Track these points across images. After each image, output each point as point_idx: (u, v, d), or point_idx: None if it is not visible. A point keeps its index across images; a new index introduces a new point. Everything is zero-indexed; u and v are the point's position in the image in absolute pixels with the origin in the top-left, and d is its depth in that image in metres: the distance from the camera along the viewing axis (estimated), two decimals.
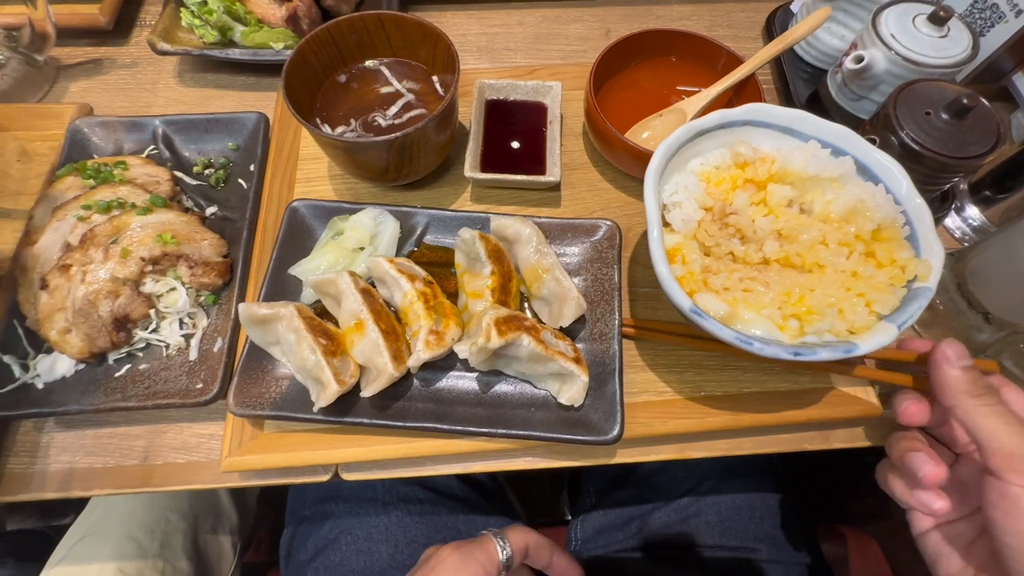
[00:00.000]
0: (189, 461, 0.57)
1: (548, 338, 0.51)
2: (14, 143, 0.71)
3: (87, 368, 0.57)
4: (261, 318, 0.52)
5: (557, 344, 0.51)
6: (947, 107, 0.57)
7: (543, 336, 0.51)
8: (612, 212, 0.68)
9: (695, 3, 0.89)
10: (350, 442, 0.54)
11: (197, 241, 0.60)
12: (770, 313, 0.46)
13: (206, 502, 0.90)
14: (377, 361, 0.50)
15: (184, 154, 0.70)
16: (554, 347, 0.50)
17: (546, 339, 0.51)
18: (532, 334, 0.49)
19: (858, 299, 0.44)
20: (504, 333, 0.48)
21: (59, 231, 0.58)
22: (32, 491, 0.55)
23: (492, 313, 0.49)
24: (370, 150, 0.57)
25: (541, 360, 0.50)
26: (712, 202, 0.52)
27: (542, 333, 0.51)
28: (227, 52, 0.74)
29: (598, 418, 0.51)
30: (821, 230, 0.48)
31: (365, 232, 0.59)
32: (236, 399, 0.51)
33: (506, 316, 0.50)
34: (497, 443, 0.54)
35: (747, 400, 0.57)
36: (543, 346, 0.49)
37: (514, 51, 0.85)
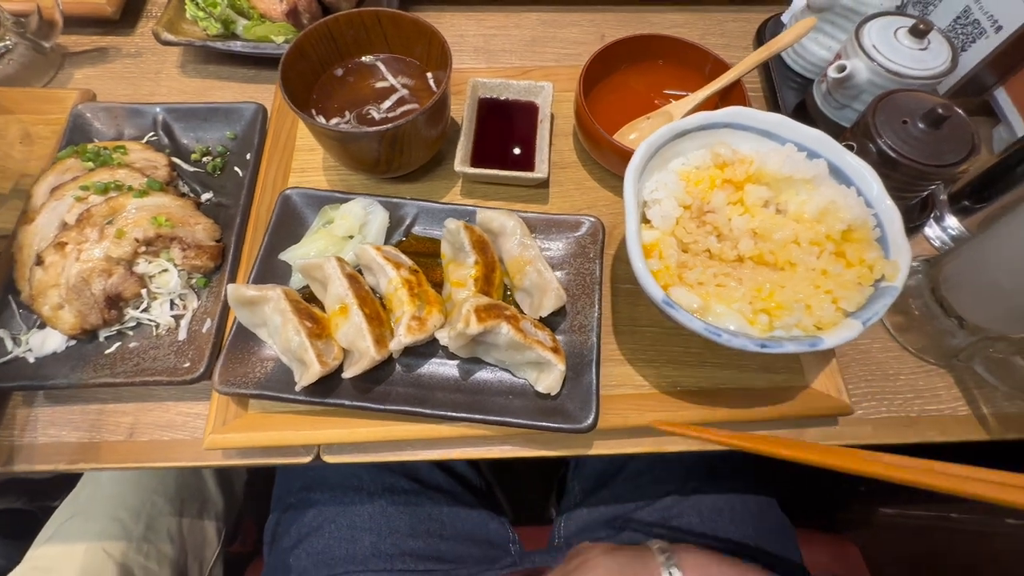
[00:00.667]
0: (173, 439, 0.58)
1: (527, 327, 0.52)
2: (17, 126, 0.72)
3: (78, 344, 0.58)
4: (249, 299, 0.53)
5: (536, 333, 0.53)
6: (923, 116, 0.58)
7: (522, 325, 0.52)
8: (598, 210, 0.70)
9: (689, 11, 0.91)
10: (332, 424, 0.55)
11: (191, 225, 0.62)
12: (741, 307, 0.47)
13: (192, 487, 0.90)
14: (360, 344, 0.52)
15: (183, 141, 0.72)
16: (533, 336, 0.52)
17: (525, 328, 0.52)
18: (511, 322, 0.51)
19: (826, 296, 0.46)
20: (484, 320, 0.49)
21: (56, 210, 0.59)
22: (19, 463, 0.56)
23: (473, 301, 0.51)
24: (362, 141, 0.59)
25: (519, 348, 0.51)
26: (691, 200, 0.53)
27: (521, 322, 0.52)
28: (229, 44, 0.76)
29: (574, 407, 0.53)
30: (794, 229, 0.50)
31: (355, 221, 0.61)
32: (221, 377, 0.53)
33: (487, 304, 0.51)
34: (476, 429, 0.55)
35: (723, 396, 0.58)
36: (522, 335, 0.51)
37: (510, 52, 0.87)
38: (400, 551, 0.75)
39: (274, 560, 0.80)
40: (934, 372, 0.64)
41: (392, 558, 0.74)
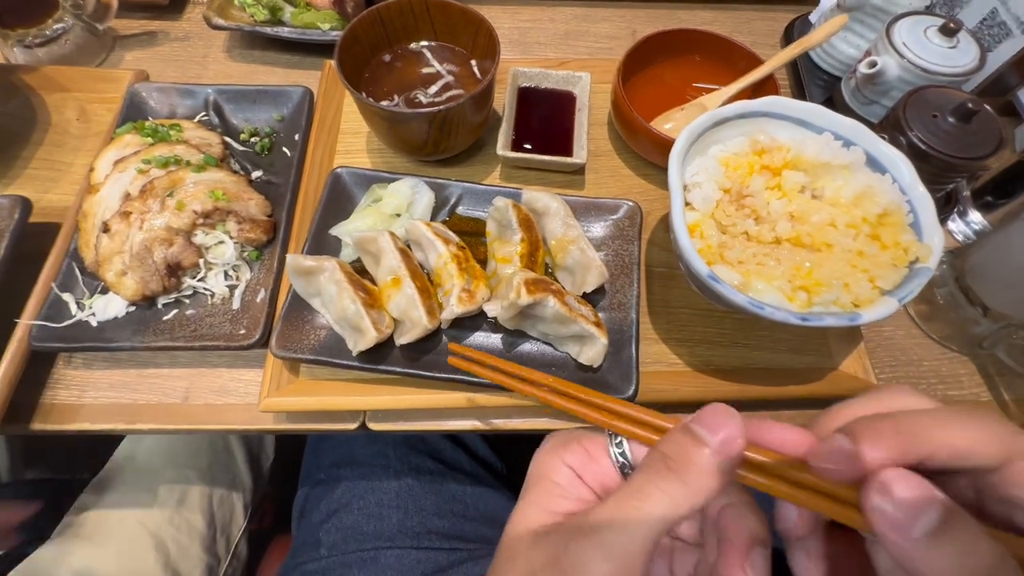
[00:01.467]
0: (226, 403, 0.61)
1: (571, 302, 0.55)
2: (74, 103, 0.75)
3: (138, 310, 0.61)
4: (306, 269, 0.56)
5: (579, 308, 0.55)
6: (953, 111, 0.61)
7: (567, 300, 0.54)
8: (632, 197, 0.71)
9: (718, 9, 0.94)
10: (380, 391, 0.58)
11: (245, 200, 0.64)
12: (780, 285, 0.49)
13: (223, 463, 0.93)
14: (412, 314, 0.54)
15: (232, 122, 0.74)
16: (577, 310, 0.54)
17: (570, 303, 0.54)
18: (557, 297, 0.53)
19: (863, 274, 0.48)
20: (532, 292, 0.52)
21: (120, 182, 0.62)
22: (80, 421, 0.59)
23: (522, 275, 0.53)
24: (412, 122, 0.62)
25: (564, 321, 0.54)
26: (730, 184, 0.55)
27: (566, 297, 0.55)
28: (277, 30, 0.79)
29: (615, 379, 0.55)
30: (831, 213, 0.52)
31: (402, 199, 0.63)
32: (279, 343, 0.55)
33: (534, 278, 0.54)
34: (516, 399, 0.57)
35: (753, 375, 0.61)
36: (567, 308, 0.53)
37: (544, 45, 0.90)
38: (426, 529, 0.77)
39: (303, 534, 0.82)
40: (957, 359, 0.66)
41: (418, 536, 0.76)
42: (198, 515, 0.84)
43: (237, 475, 0.95)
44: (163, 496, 0.82)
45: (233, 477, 0.94)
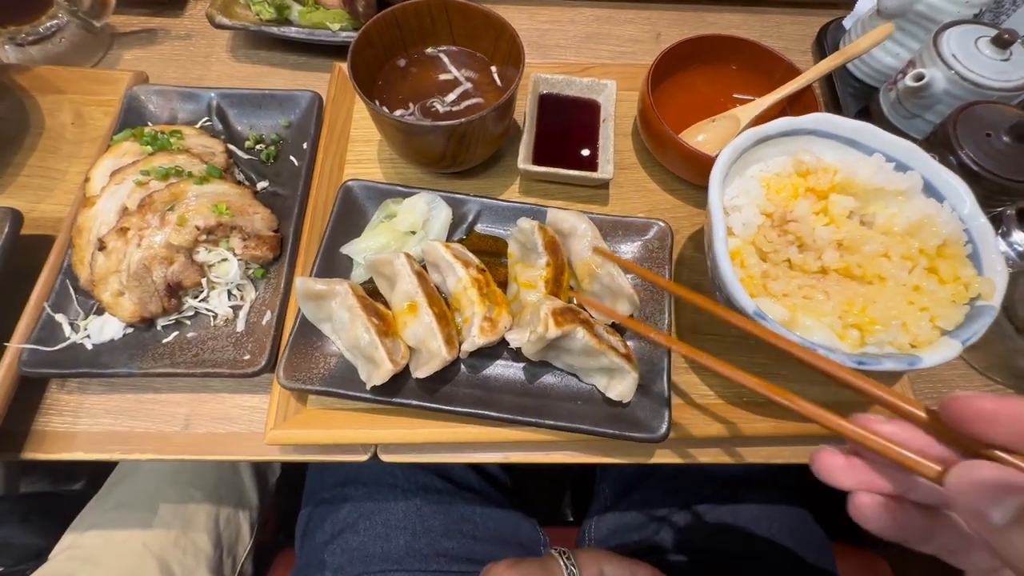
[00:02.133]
0: (230, 432, 0.57)
1: (601, 333, 0.51)
2: (69, 106, 0.71)
3: (135, 332, 0.57)
4: (316, 293, 0.52)
5: (609, 339, 0.51)
6: (1009, 130, 0.57)
7: (597, 331, 0.51)
8: (659, 214, 0.68)
9: (746, 12, 0.89)
10: (393, 423, 0.54)
11: (250, 214, 0.60)
12: (830, 321, 0.46)
13: (229, 481, 0.90)
14: (431, 344, 0.50)
15: (237, 128, 0.70)
16: (607, 342, 0.51)
17: (599, 333, 0.51)
18: (587, 328, 0.50)
19: (922, 313, 0.44)
20: (561, 324, 0.48)
21: (117, 195, 0.58)
22: (73, 451, 0.55)
23: (548, 304, 0.50)
24: (430, 135, 0.58)
25: (593, 354, 0.50)
26: (772, 208, 0.52)
27: (596, 327, 0.51)
28: (284, 30, 0.75)
29: (645, 415, 0.52)
30: (884, 243, 0.48)
31: (418, 216, 0.59)
32: (286, 372, 0.52)
33: (562, 308, 0.50)
34: (539, 434, 0.54)
35: (788, 409, 0.57)
36: (597, 340, 0.50)
37: (564, 48, 0.85)
38: (435, 551, 0.74)
39: (307, 554, 0.79)
40: (1001, 391, 0.62)
41: (427, 558, 0.74)
42: (204, 536, 0.81)
43: (243, 493, 0.92)
44: (167, 516, 0.79)
45: (240, 495, 0.91)
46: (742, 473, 0.81)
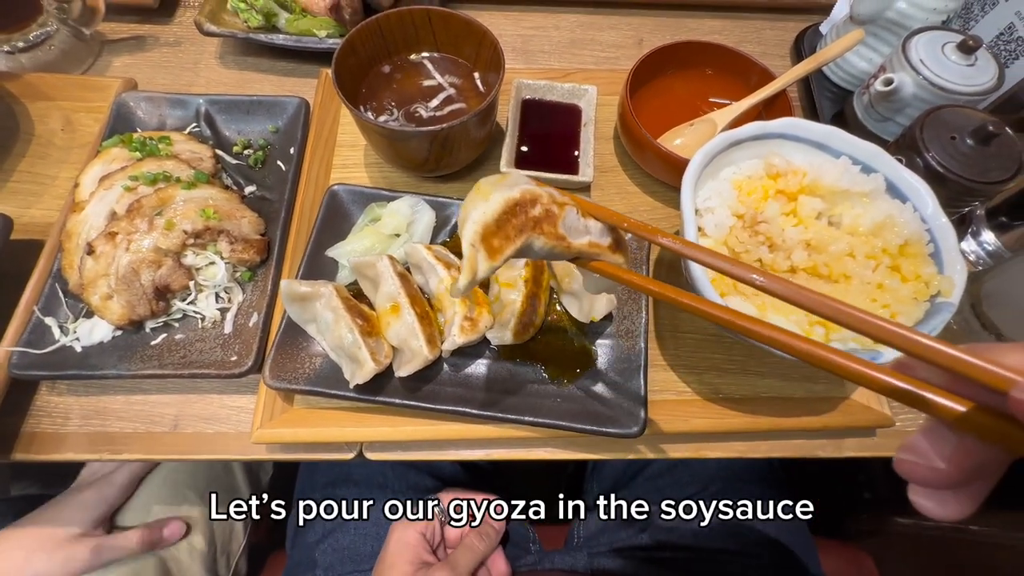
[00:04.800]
0: (218, 431, 0.58)
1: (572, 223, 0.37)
2: (59, 112, 0.72)
3: (124, 335, 0.58)
4: (301, 295, 0.53)
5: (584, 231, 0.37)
6: (972, 133, 0.59)
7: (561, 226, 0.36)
8: (639, 216, 0.70)
9: (726, 18, 0.91)
10: (378, 421, 0.56)
11: (237, 218, 0.62)
12: (797, 319, 0.47)
13: (222, 481, 0.90)
14: (412, 343, 0.52)
15: (225, 133, 0.71)
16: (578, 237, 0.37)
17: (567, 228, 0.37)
18: (543, 229, 0.35)
19: (883, 310, 0.46)
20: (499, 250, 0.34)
21: (105, 200, 0.59)
22: (63, 452, 0.56)
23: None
24: (413, 140, 0.59)
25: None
26: (744, 210, 0.53)
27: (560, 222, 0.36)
28: (271, 37, 0.76)
29: (622, 412, 0.53)
30: (849, 242, 0.50)
31: (402, 219, 0.61)
32: (272, 372, 0.53)
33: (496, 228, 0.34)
34: (520, 431, 0.55)
35: (763, 404, 0.59)
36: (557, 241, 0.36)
37: (548, 54, 0.87)
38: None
39: (298, 554, 0.80)
40: None
41: None
42: (199, 536, 0.82)
43: (237, 493, 0.93)
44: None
45: (233, 495, 0.92)
46: (727, 472, 0.83)
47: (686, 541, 0.77)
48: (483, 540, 0.68)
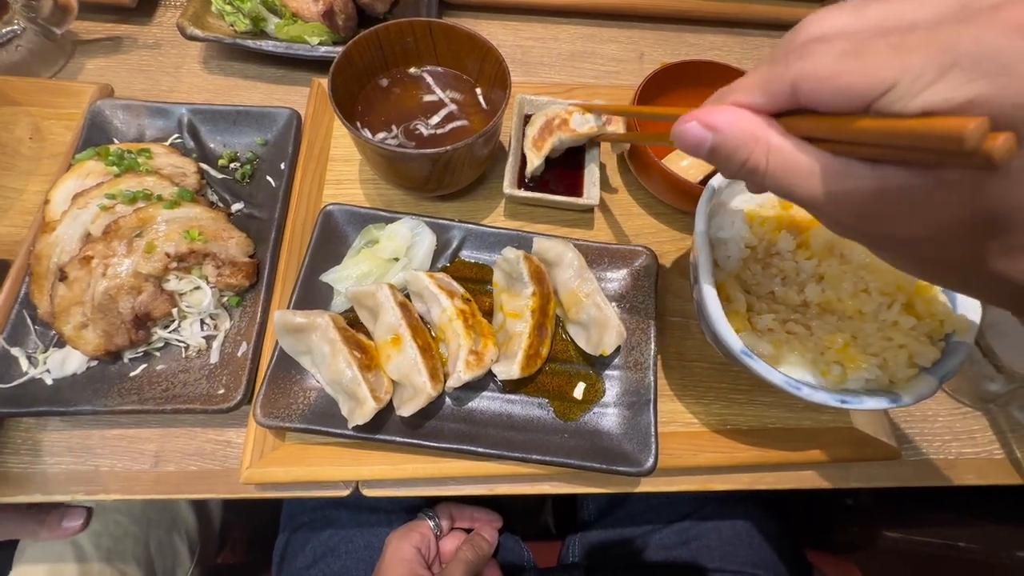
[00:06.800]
0: (203, 468, 0.55)
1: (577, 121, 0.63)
2: (27, 119, 0.67)
3: (100, 365, 0.54)
4: (296, 327, 0.50)
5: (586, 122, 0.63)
6: None
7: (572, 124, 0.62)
8: (645, 238, 0.68)
9: (728, 34, 0.90)
10: (376, 459, 0.53)
11: (224, 239, 0.58)
12: (813, 358, 0.46)
13: (159, 506, 0.85)
14: (416, 379, 0.49)
15: (210, 146, 0.67)
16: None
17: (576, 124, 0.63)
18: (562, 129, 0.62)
19: (900, 351, 0.45)
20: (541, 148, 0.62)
21: (79, 219, 0.55)
22: (32, 492, 0.52)
23: None
24: (414, 161, 0.56)
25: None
26: (756, 241, 0.52)
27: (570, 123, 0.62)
28: (261, 43, 0.72)
29: (632, 448, 0.51)
30: (864, 278, 0.49)
31: (401, 243, 0.58)
32: (263, 409, 0.50)
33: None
34: (525, 467, 0.53)
35: (772, 436, 0.58)
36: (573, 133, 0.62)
37: (548, 66, 0.85)
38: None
39: None
40: (969, 414, 0.65)
41: None
42: (132, 564, 0.77)
43: (178, 516, 0.87)
44: (87, 547, 0.73)
45: (172, 520, 0.86)
46: (723, 489, 0.82)
47: (682, 561, 0.77)
48: (476, 552, 0.66)
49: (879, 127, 0.24)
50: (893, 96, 0.23)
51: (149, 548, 0.80)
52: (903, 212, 0.26)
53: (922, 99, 0.22)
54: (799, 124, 0.27)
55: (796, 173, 0.28)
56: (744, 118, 0.29)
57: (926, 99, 0.22)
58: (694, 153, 0.31)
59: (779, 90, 0.27)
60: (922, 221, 0.26)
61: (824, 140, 0.27)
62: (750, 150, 0.29)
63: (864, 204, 0.26)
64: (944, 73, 0.22)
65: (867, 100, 0.24)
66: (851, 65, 0.24)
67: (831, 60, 0.25)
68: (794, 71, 0.26)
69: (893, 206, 0.26)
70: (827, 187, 0.27)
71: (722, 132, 0.29)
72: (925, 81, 0.22)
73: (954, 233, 0.25)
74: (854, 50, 0.24)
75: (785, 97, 0.27)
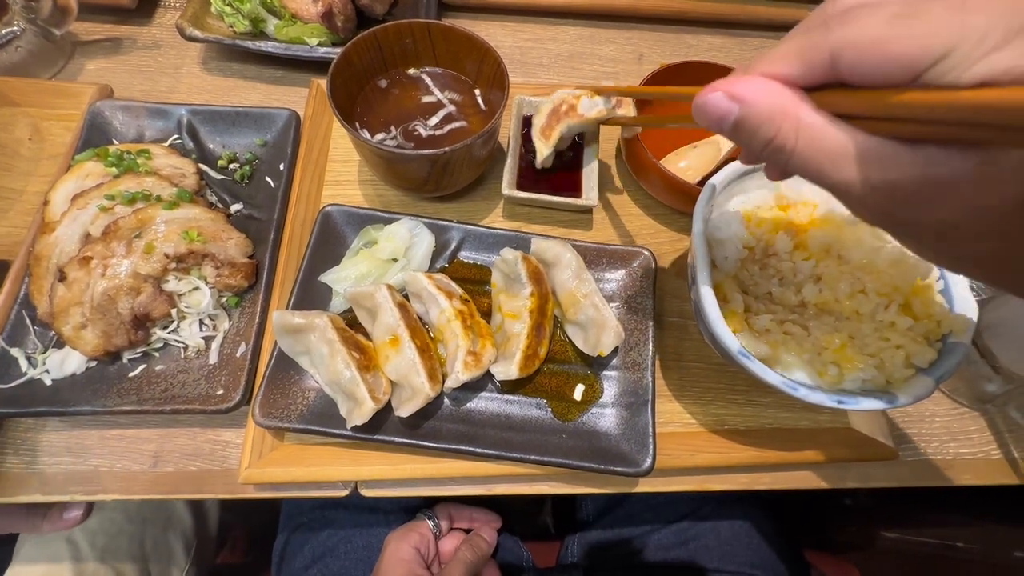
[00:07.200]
0: (202, 468, 0.55)
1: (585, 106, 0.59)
2: (26, 120, 0.67)
3: (99, 366, 0.54)
4: (295, 327, 0.50)
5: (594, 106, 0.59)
6: None
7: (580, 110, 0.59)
8: (643, 239, 0.68)
9: (726, 35, 0.91)
10: (375, 459, 0.53)
11: (223, 240, 0.58)
12: (810, 358, 0.47)
13: (154, 504, 0.85)
14: (414, 380, 0.49)
15: (209, 146, 0.67)
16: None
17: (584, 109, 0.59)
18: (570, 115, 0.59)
19: (897, 351, 0.45)
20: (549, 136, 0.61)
21: (79, 220, 0.55)
22: (31, 492, 0.52)
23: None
24: (413, 163, 0.56)
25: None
26: (754, 242, 0.52)
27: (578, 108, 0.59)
28: (260, 44, 0.72)
29: (630, 449, 0.52)
30: (861, 279, 0.49)
31: (400, 244, 0.58)
32: (262, 409, 0.50)
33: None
34: (523, 468, 0.53)
35: (769, 436, 0.58)
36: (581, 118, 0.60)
37: (547, 67, 0.85)
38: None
39: None
40: (967, 415, 0.65)
41: None
42: (127, 562, 0.77)
43: (173, 515, 0.88)
44: (83, 545, 0.73)
45: (168, 518, 0.87)
46: (721, 490, 0.82)
47: (680, 561, 0.77)
48: (475, 552, 0.66)
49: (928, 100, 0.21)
50: (948, 64, 0.20)
51: (144, 546, 0.80)
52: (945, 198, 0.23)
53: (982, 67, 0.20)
54: (833, 99, 0.25)
55: (828, 154, 0.25)
56: (774, 90, 0.26)
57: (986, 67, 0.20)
58: (716, 128, 0.28)
59: (816, 60, 0.24)
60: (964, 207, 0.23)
61: (859, 117, 0.24)
62: (778, 125, 0.26)
63: (903, 190, 0.24)
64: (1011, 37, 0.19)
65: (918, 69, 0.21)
66: (903, 29, 0.21)
67: (879, 24, 0.22)
68: (835, 38, 0.23)
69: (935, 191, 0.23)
70: (862, 171, 0.24)
71: (749, 104, 0.27)
72: (988, 46, 0.20)
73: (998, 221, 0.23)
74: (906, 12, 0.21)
75: (823, 68, 0.24)
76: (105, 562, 0.74)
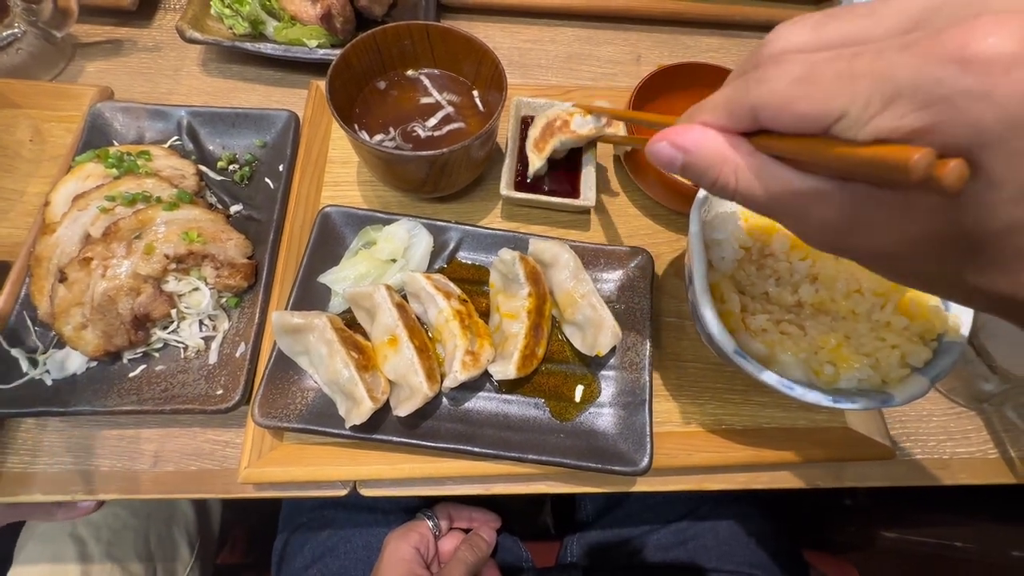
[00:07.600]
0: (202, 468, 0.55)
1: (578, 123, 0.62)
2: (27, 122, 0.68)
3: (99, 366, 0.54)
4: (294, 327, 0.51)
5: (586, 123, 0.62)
6: None
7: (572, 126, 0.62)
8: (640, 239, 0.69)
9: (724, 36, 0.91)
10: (373, 459, 0.53)
11: (223, 241, 0.58)
12: (806, 358, 0.47)
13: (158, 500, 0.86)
14: (412, 380, 0.49)
15: (208, 147, 0.68)
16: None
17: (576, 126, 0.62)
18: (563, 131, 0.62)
19: (892, 351, 0.46)
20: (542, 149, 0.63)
21: (79, 221, 0.55)
22: (32, 492, 0.53)
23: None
24: (411, 164, 0.57)
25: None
26: (751, 243, 0.52)
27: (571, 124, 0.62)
28: (259, 46, 0.73)
29: (627, 448, 0.52)
30: (857, 278, 0.49)
31: (398, 244, 0.58)
32: (262, 409, 0.50)
33: None
34: (521, 467, 0.53)
35: (767, 435, 0.58)
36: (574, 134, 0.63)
37: (545, 68, 0.85)
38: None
39: None
40: (964, 414, 0.65)
41: None
42: (132, 559, 0.77)
43: (177, 511, 0.88)
44: (88, 541, 0.73)
45: (172, 514, 0.87)
46: (719, 489, 0.83)
47: (680, 561, 0.77)
48: (475, 552, 0.66)
49: (839, 152, 0.23)
50: (845, 124, 0.23)
51: (149, 542, 0.80)
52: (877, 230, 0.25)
53: (872, 127, 0.22)
54: (768, 143, 0.27)
55: (767, 193, 0.28)
56: (711, 139, 0.29)
57: (876, 127, 0.22)
58: (668, 170, 0.31)
59: (742, 113, 0.27)
60: (896, 239, 0.25)
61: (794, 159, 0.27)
62: (719, 170, 0.29)
63: (837, 225, 0.26)
64: (888, 103, 0.22)
65: (823, 126, 0.24)
66: (803, 91, 0.24)
67: (784, 86, 0.25)
68: (752, 97, 0.26)
69: (866, 224, 0.25)
70: (799, 208, 0.27)
71: (690, 152, 0.29)
72: (872, 112, 0.22)
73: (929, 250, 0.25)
74: (806, 76, 0.24)
75: (748, 120, 0.27)
76: (111, 557, 0.74)
